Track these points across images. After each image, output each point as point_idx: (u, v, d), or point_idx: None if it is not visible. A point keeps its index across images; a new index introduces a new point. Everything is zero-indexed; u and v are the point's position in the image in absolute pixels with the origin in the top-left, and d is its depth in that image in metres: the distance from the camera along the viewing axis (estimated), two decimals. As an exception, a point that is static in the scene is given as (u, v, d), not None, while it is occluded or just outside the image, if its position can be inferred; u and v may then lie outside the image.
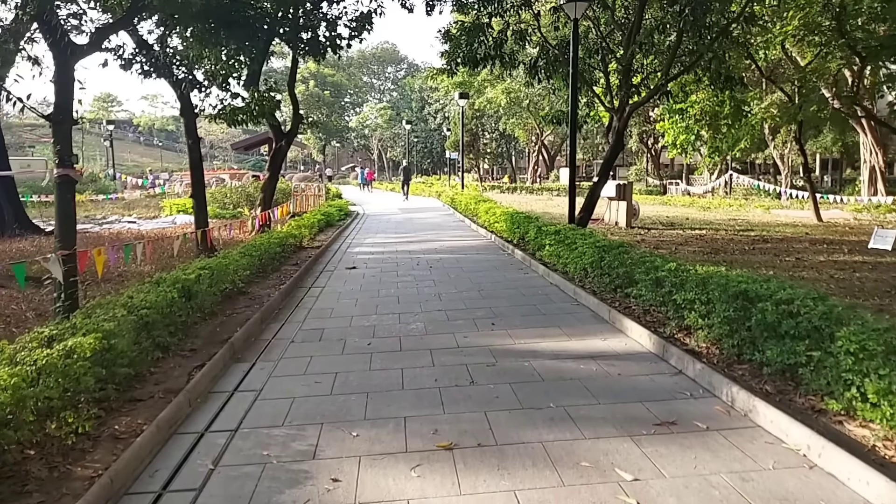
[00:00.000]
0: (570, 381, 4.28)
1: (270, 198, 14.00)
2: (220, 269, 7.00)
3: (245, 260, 8.14)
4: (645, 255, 6.34)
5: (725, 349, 4.53)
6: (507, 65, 14.56)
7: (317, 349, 5.35)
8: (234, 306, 6.88)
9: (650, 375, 4.38)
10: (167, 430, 3.63)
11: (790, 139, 28.12)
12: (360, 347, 5.36)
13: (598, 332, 5.57)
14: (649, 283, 5.79)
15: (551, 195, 36.14)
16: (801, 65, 19.07)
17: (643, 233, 14.45)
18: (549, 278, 8.17)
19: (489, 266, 9.59)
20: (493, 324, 5.95)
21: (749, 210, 24.40)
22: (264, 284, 8.16)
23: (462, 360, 4.86)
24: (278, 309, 6.98)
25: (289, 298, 7.59)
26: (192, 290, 6.00)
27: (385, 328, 5.96)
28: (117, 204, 26.80)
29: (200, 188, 10.49)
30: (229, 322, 6.13)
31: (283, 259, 10.18)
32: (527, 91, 37.89)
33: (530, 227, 10.82)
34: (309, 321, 6.39)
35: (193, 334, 5.65)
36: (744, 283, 4.64)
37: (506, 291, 7.51)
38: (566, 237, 8.81)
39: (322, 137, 74.25)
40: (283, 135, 13.99)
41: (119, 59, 8.95)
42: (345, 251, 12.15)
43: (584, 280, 7.57)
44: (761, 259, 10.01)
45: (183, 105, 10.17)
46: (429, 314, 6.49)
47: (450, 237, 14.00)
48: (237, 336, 5.43)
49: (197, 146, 10.41)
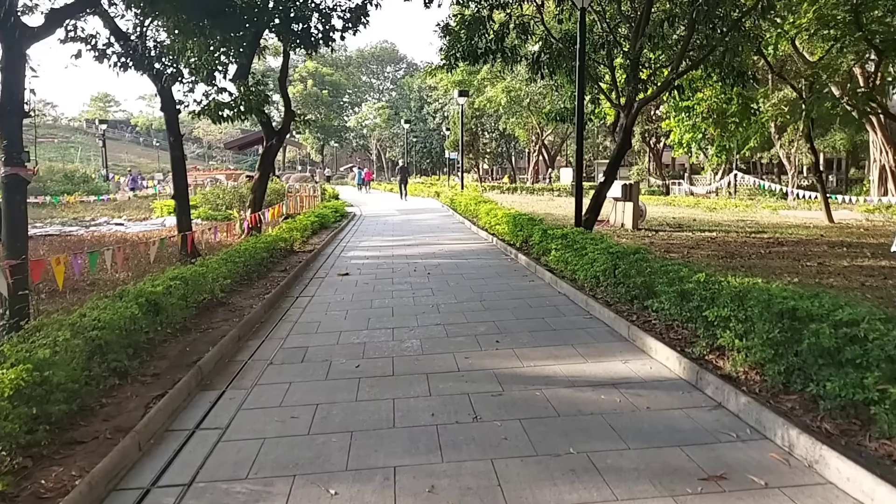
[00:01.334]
0: (590, 417, 3.63)
1: (261, 199, 13.34)
2: (195, 279, 6.35)
3: (226, 267, 7.49)
4: (667, 264, 5.69)
5: (769, 376, 3.88)
6: (509, 60, 13.93)
7: (297, 373, 4.70)
8: (211, 320, 6.23)
9: (685, 409, 3.73)
10: (104, 485, 2.97)
11: (797, 138, 27.49)
12: (347, 371, 4.70)
13: (617, 351, 4.91)
14: (673, 296, 5.14)
15: (552, 195, 35.51)
16: (811, 60, 18.43)
17: (651, 235, 13.81)
18: (556, 287, 7.52)
19: (491, 272, 8.94)
20: (497, 341, 5.30)
21: (756, 211, 23.76)
22: (248, 294, 7.51)
23: (463, 387, 4.21)
24: (260, 323, 6.32)
25: (273, 310, 6.93)
26: (160, 304, 5.34)
27: (376, 346, 5.31)
28: (108, 205, 26.14)
29: (183, 189, 9.83)
30: (203, 339, 5.48)
31: (270, 265, 9.53)
32: (527, 89, 37.25)
33: (534, 230, 10.17)
34: (292, 338, 5.74)
35: (160, 355, 5.00)
36: (790, 299, 3.99)
37: (510, 302, 6.85)
38: (574, 241, 8.16)
39: (320, 137, 73.57)
40: (275, 133, 13.32)
41: (92, 49, 8.29)
42: (338, 255, 11.50)
43: (596, 289, 6.92)
44: (781, 264, 9.36)
45: (164, 100, 9.52)
46: (426, 329, 5.83)
47: (449, 240, 13.35)
48: (207, 357, 4.77)
49: (179, 144, 9.75)
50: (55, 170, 37.34)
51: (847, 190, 29.58)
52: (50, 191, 30.16)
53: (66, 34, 8.25)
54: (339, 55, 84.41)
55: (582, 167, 10.42)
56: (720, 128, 20.30)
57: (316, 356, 5.10)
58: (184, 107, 10.07)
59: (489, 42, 13.17)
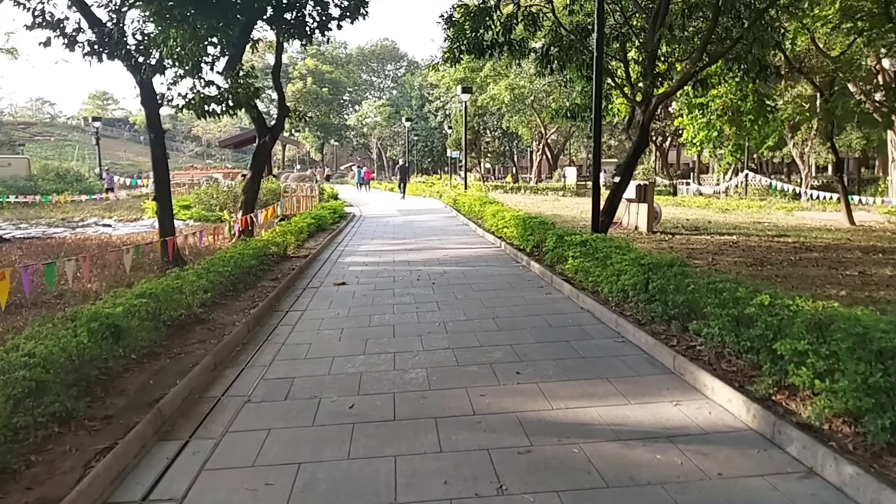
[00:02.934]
0: (648, 490, 2.82)
1: (253, 199, 12.53)
2: (168, 294, 5.55)
3: (207, 279, 6.69)
4: (715, 281, 4.87)
5: (871, 432, 3.07)
6: (517, 53, 13.12)
7: (279, 415, 3.89)
8: (186, 341, 5.42)
9: (767, 478, 2.92)
10: None
11: (811, 137, 26.65)
12: (339, 412, 3.90)
13: (663, 388, 4.10)
14: (727, 321, 4.33)
15: (557, 195, 34.71)
16: (831, 56, 17.61)
17: (668, 239, 13.01)
18: (578, 301, 6.70)
19: (502, 282, 8.13)
20: (518, 372, 4.49)
21: (770, 212, 22.98)
22: (232, 307, 6.70)
23: (482, 439, 3.40)
24: (241, 345, 5.51)
25: (258, 328, 6.12)
26: (122, 328, 4.54)
27: (375, 379, 4.50)
28: (100, 205, 25.33)
29: (165, 190, 9.02)
30: (172, 367, 4.67)
31: (260, 272, 8.72)
32: (531, 87, 36.42)
33: (548, 235, 9.36)
34: (277, 365, 4.93)
35: (117, 389, 4.19)
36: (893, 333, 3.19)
37: (527, 320, 6.04)
38: (595, 249, 7.35)
39: (320, 136, 72.76)
40: (268, 129, 12.51)
41: (61, 35, 7.48)
42: (335, 261, 10.69)
43: (623, 305, 6.11)
44: (818, 273, 8.55)
45: (144, 93, 8.72)
46: (432, 354, 5.02)
47: (454, 244, 12.54)
48: (172, 395, 3.97)
49: (161, 141, 8.95)
50: (49, 168, 36.60)
51: (861, 190, 28.71)
52: (41, 190, 29.40)
53: (34, 19, 7.45)
54: (338, 52, 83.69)
55: (599, 166, 9.61)
56: (735, 126, 19.50)
57: (303, 391, 4.29)
58: (166, 101, 9.26)
59: (496, 34, 12.37)
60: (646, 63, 11.95)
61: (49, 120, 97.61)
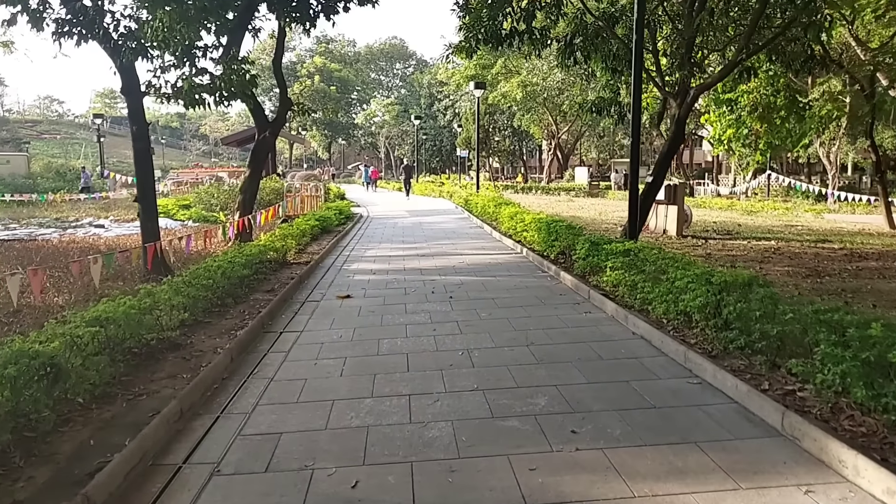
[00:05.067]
0: None
1: (252, 200, 11.53)
2: (132, 318, 4.52)
3: (187, 294, 5.66)
4: (821, 309, 3.77)
5: None
6: (538, 43, 12.01)
7: (255, 499, 2.84)
8: (153, 375, 4.39)
9: None
10: None
11: (840, 135, 25.37)
12: (337, 494, 2.84)
13: (777, 461, 3.02)
14: (854, 368, 3.23)
15: (570, 196, 33.55)
16: (871, 48, 16.42)
17: (701, 244, 11.89)
18: (626, 324, 5.61)
19: (530, 297, 7.05)
20: (573, 431, 3.41)
21: (798, 214, 21.79)
22: (216, 328, 5.68)
23: (542, 553, 2.34)
24: (220, 381, 4.46)
25: (244, 356, 5.08)
26: (60, 368, 3.51)
27: (386, 437, 3.44)
28: (98, 204, 24.44)
29: (148, 190, 8.00)
30: (126, 417, 3.65)
31: (255, 282, 7.70)
32: (544, 84, 35.29)
33: (578, 242, 8.29)
34: (261, 413, 3.87)
35: (45, 454, 3.16)
36: None
37: (571, 349, 4.96)
38: (643, 261, 6.27)
39: (327, 135, 71.92)
40: (268, 124, 11.50)
41: (24, 12, 6.48)
42: (339, 268, 9.65)
43: (685, 331, 5.03)
44: (890, 288, 7.43)
45: (124, 81, 7.71)
46: (458, 399, 3.96)
47: (469, 249, 11.47)
48: (113, 467, 2.93)
49: (144, 134, 7.94)
50: (52, 166, 35.82)
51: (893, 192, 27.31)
52: (40, 188, 28.61)
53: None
54: (347, 51, 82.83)
55: (638, 163, 8.51)
56: (766, 123, 18.33)
57: (290, 457, 3.24)
58: (153, 89, 8.25)
59: (516, 20, 11.31)
60: (683, 51, 10.85)
61: (56, 118, 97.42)
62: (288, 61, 72.71)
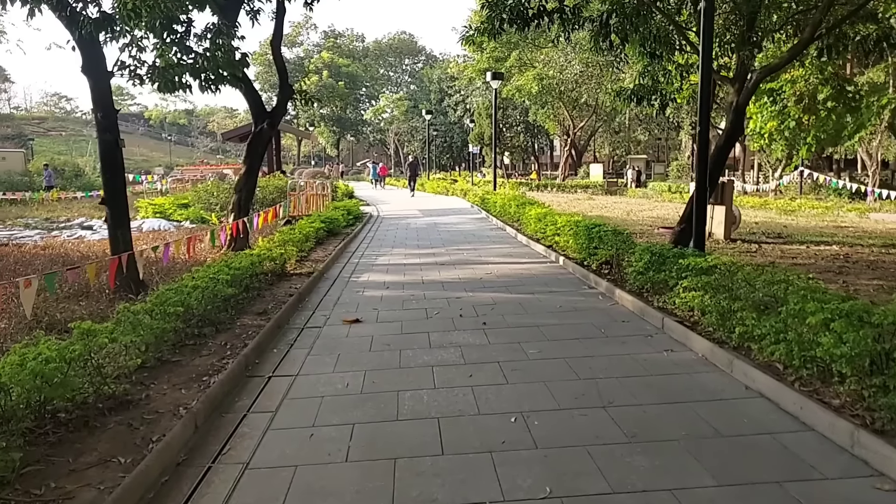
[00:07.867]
0: None
1: (248, 200, 10.18)
2: (53, 372, 3.16)
3: (147, 327, 4.30)
4: None
5: None
6: (568, 23, 10.57)
7: None
8: (76, 460, 3.04)
9: None
10: None
11: (882, 129, 23.69)
12: None
13: None
14: None
15: (589, 194, 32.00)
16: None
17: (754, 249, 10.42)
18: (732, 373, 4.17)
19: (585, 323, 5.64)
20: None
21: (840, 213, 20.20)
22: (185, 370, 4.32)
23: None
24: (172, 469, 3.09)
25: (214, 420, 3.70)
26: None
27: None
28: (93, 203, 23.19)
29: (118, 192, 6.64)
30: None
31: (244, 302, 6.35)
32: (560, 76, 33.75)
33: (636, 252, 6.86)
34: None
35: None
36: None
37: (667, 415, 3.55)
38: (749, 285, 4.83)
39: (336, 131, 70.59)
40: (267, 114, 10.13)
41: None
42: (347, 280, 8.29)
43: (821, 388, 3.61)
44: None
45: (85, 58, 6.35)
46: (524, 512, 2.58)
47: (495, 256, 10.06)
48: None
49: (112, 124, 6.58)
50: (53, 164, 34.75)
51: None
52: (37, 185, 27.49)
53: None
54: (355, 46, 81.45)
55: (707, 156, 7.07)
56: (812, 115, 16.78)
57: None
58: (125, 69, 6.91)
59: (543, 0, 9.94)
60: (744, 29, 9.39)
61: (64, 115, 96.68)
62: (296, 56, 71.50)
